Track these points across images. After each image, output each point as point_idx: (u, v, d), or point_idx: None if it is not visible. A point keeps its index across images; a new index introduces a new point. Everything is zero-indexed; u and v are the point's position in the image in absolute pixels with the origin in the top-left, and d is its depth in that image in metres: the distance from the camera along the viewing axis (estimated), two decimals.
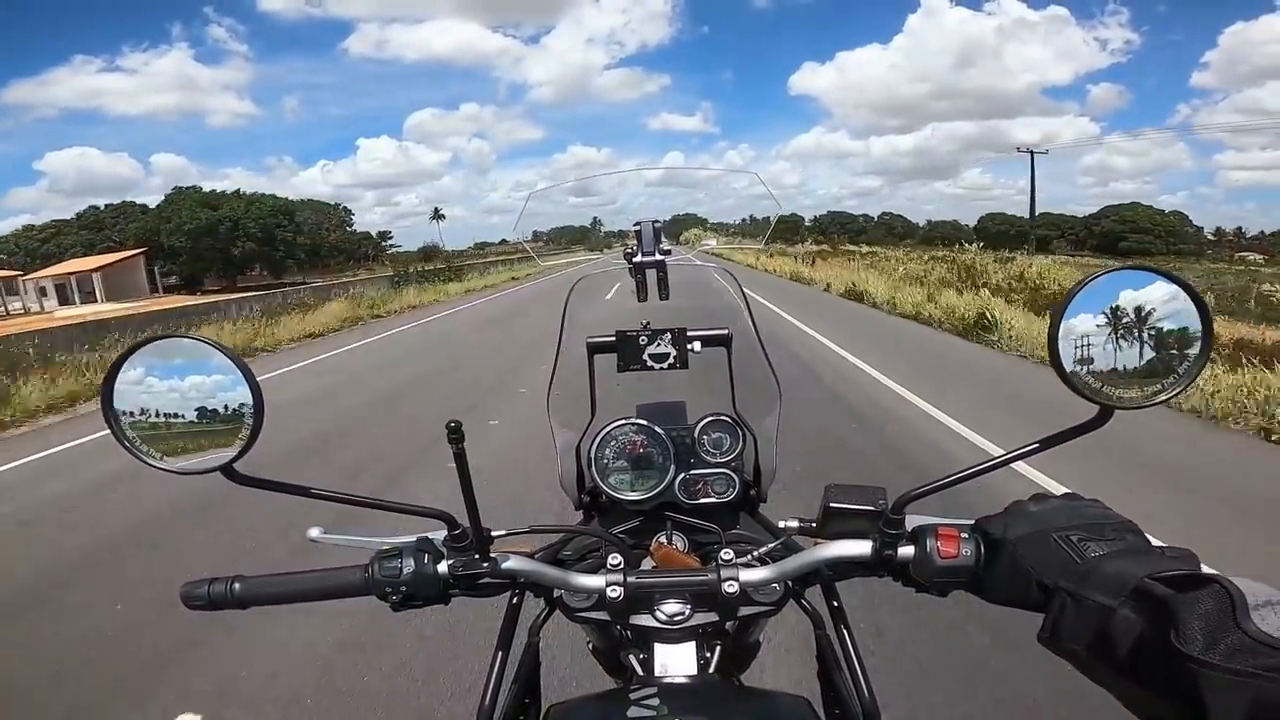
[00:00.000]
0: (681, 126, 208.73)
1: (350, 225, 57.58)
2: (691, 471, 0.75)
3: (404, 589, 0.58)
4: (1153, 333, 0.47)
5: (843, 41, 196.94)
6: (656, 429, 0.76)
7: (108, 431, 0.50)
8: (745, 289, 0.94)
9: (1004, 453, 0.52)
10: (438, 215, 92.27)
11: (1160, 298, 0.47)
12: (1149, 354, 0.47)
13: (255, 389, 0.50)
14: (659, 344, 0.76)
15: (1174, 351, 0.47)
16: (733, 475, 0.75)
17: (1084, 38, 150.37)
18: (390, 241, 68.06)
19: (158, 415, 0.50)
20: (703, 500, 0.75)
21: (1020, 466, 3.26)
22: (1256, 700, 0.34)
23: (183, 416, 0.50)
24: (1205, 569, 0.42)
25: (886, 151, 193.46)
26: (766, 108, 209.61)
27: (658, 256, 0.76)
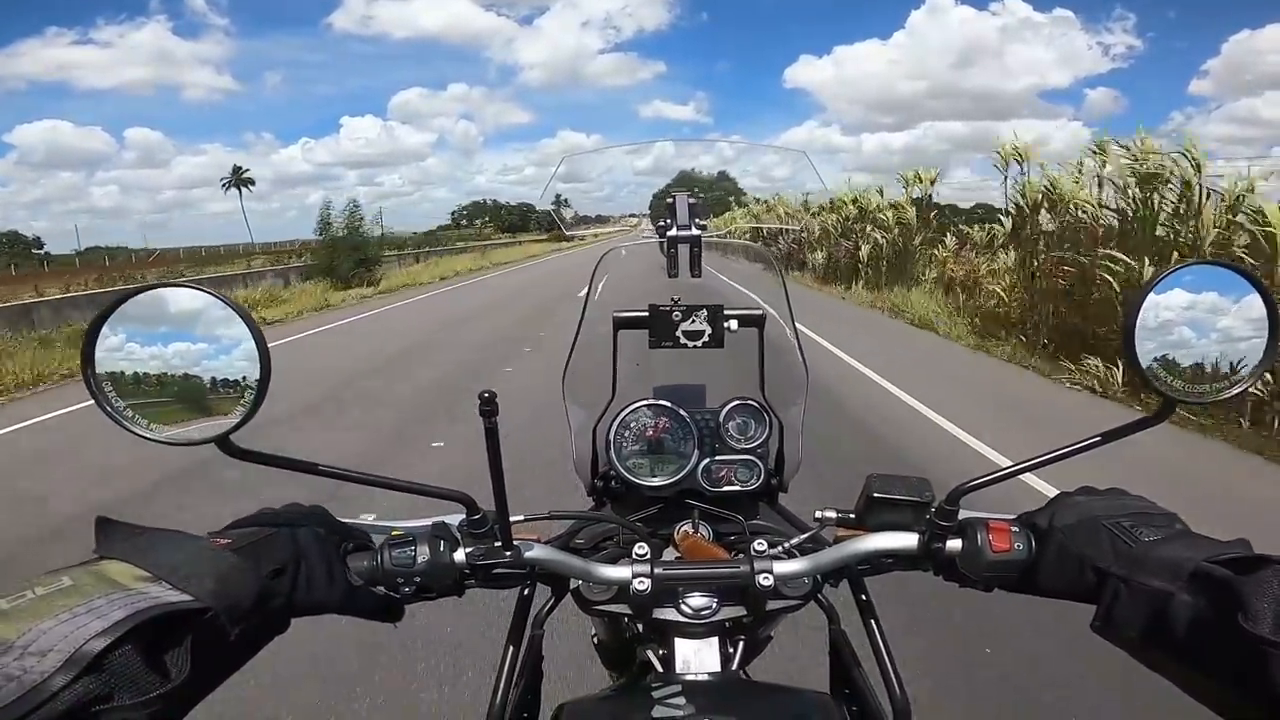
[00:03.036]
0: (674, 115, 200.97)
1: None
2: (716, 458, 0.71)
3: (418, 580, 0.52)
4: (1222, 329, 0.47)
5: (842, 35, 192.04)
6: (681, 412, 0.72)
7: None
8: None
9: (1062, 447, 0.51)
10: (237, 180, 60.41)
11: (1234, 295, 0.47)
12: (1216, 350, 0.47)
13: (262, 348, 0.43)
14: (694, 320, 0.71)
15: (1241, 349, 0.47)
16: (758, 463, 0.72)
17: (1087, 41, 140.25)
18: None
19: (146, 378, 0.43)
20: (725, 488, 0.71)
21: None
22: None
23: (176, 379, 0.43)
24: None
25: (878, 148, 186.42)
26: (760, 100, 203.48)
27: (694, 231, 0.71)
